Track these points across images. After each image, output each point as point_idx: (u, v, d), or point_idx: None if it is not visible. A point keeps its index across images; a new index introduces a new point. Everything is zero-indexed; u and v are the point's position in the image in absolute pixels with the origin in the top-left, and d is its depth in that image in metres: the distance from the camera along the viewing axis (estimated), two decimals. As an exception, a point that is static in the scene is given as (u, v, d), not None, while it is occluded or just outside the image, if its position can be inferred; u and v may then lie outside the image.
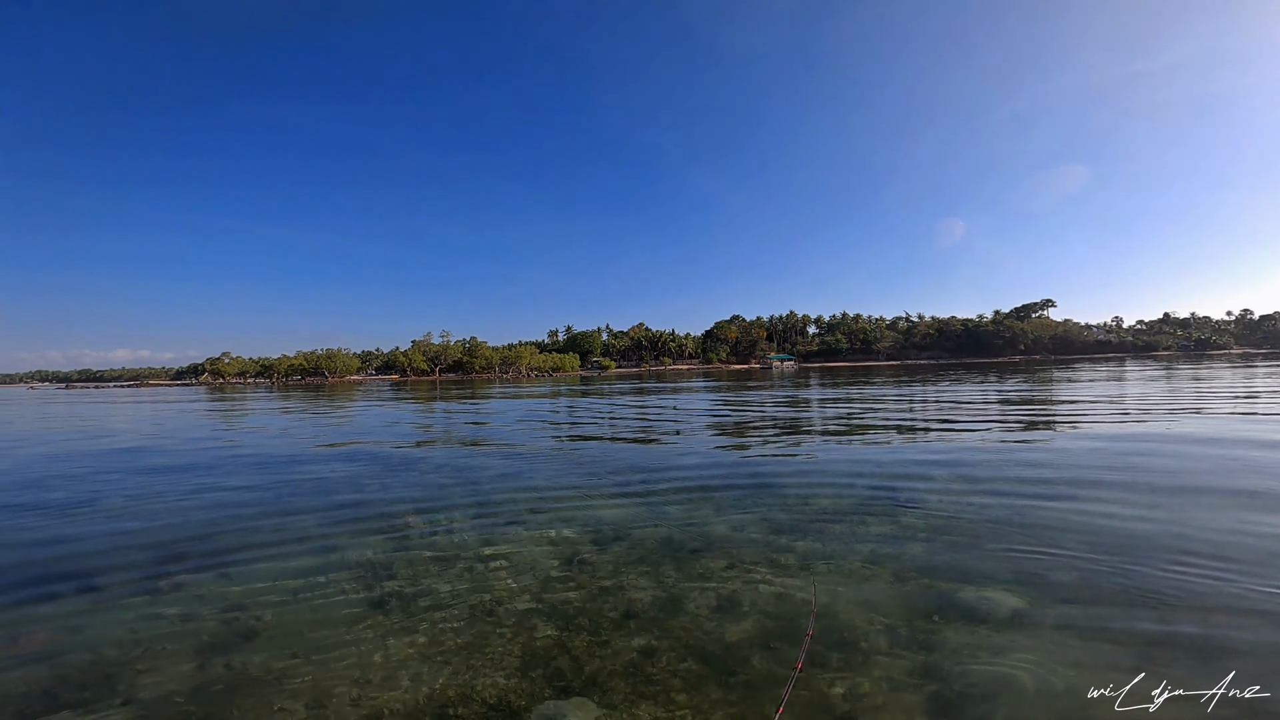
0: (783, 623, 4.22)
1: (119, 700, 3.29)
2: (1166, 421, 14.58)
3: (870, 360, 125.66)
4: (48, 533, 6.84)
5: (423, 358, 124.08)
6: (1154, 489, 7.76)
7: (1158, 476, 8.49)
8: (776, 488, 8.53)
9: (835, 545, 5.87)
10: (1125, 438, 12.58)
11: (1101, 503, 7.18)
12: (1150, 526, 6.19)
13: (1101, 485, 8.13)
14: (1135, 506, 6.97)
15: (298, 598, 4.77)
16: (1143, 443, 11.72)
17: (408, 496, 8.43)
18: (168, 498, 8.61)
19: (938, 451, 11.46)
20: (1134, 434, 13.13)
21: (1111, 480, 8.43)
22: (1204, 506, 6.86)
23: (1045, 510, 6.94)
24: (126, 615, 4.49)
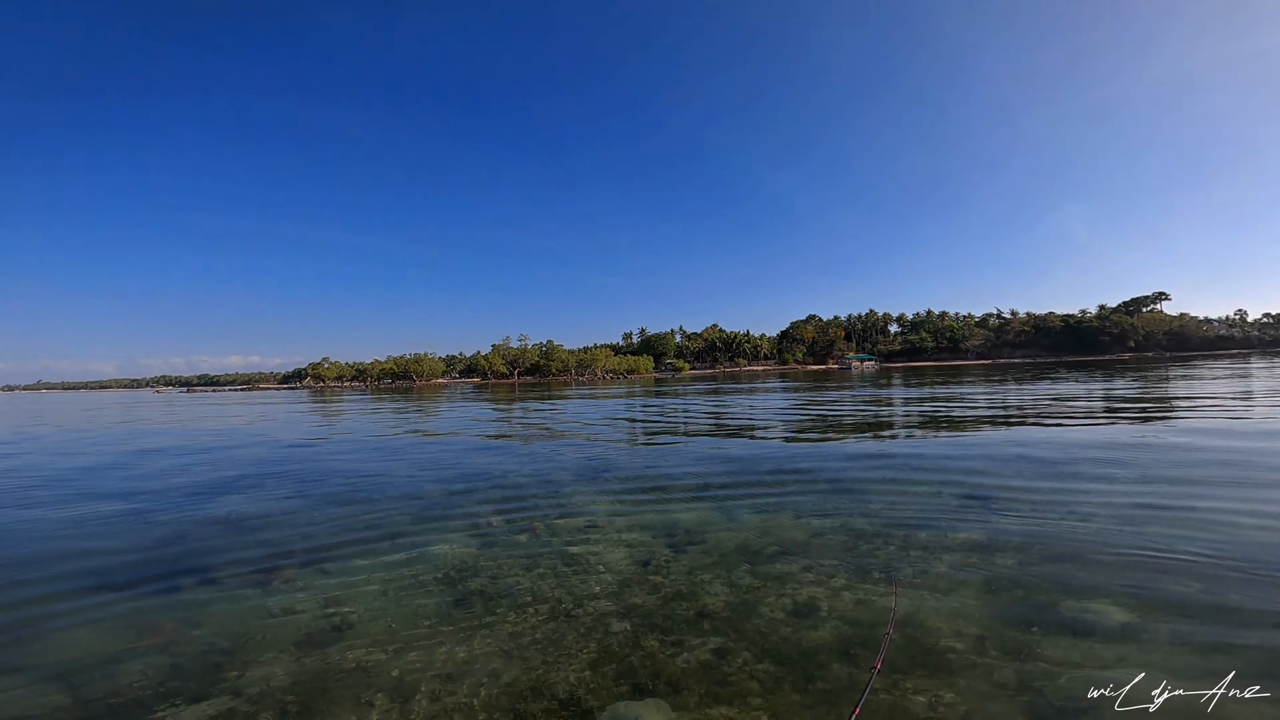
0: (863, 630, 4.12)
1: (227, 690, 3.56)
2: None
3: (958, 359, 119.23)
4: (173, 526, 7.58)
5: (502, 361, 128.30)
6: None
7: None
8: (858, 492, 8.29)
9: (920, 553, 5.66)
10: (1252, 434, 11.40)
11: (1225, 508, 6.57)
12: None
13: (1224, 488, 7.43)
14: (1262, 514, 6.34)
15: (387, 594, 5.04)
16: (1272, 441, 10.57)
17: (491, 497, 8.78)
18: (276, 495, 9.36)
19: (1036, 453, 10.78)
20: (1260, 430, 11.86)
21: (1235, 481, 7.69)
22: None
23: (1161, 516, 6.41)
24: (237, 608, 4.86)
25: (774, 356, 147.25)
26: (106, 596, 5.21)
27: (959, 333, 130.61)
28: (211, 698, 3.47)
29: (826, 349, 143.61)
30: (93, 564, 6.14)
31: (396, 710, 3.31)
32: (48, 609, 4.95)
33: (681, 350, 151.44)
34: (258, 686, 3.58)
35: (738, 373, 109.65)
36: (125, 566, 6.00)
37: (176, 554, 6.39)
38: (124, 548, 6.66)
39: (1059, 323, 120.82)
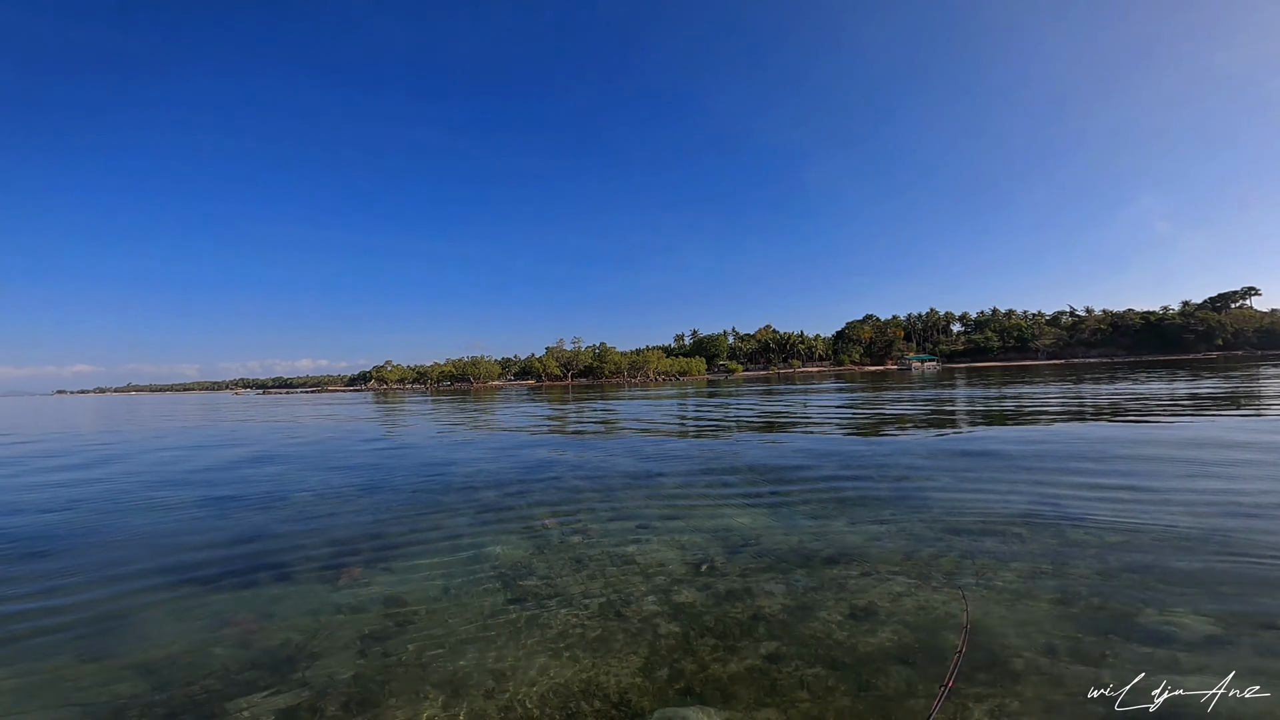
0: (923, 635, 3.96)
1: (298, 682, 3.72)
2: None
3: (1027, 359, 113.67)
4: (251, 524, 7.99)
5: (556, 363, 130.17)
6: None
7: None
8: (921, 495, 8.01)
9: (986, 560, 5.41)
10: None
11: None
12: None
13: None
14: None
15: (447, 592, 5.18)
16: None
17: (546, 499, 8.89)
18: (346, 494, 9.76)
19: (1117, 454, 10.16)
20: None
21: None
22: None
23: (1253, 526, 5.94)
24: (310, 603, 5.07)
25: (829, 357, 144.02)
26: (191, 589, 5.52)
27: (1028, 331, 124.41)
28: (283, 690, 3.62)
29: (885, 349, 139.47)
30: (180, 558, 6.53)
31: (451, 705, 3.39)
32: (138, 600, 5.28)
33: (734, 351, 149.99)
34: (325, 679, 3.73)
35: (792, 374, 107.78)
36: (209, 561, 6.35)
37: (255, 550, 6.72)
38: (208, 543, 7.06)
39: (1138, 320, 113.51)
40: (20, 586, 5.79)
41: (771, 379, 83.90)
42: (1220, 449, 10.53)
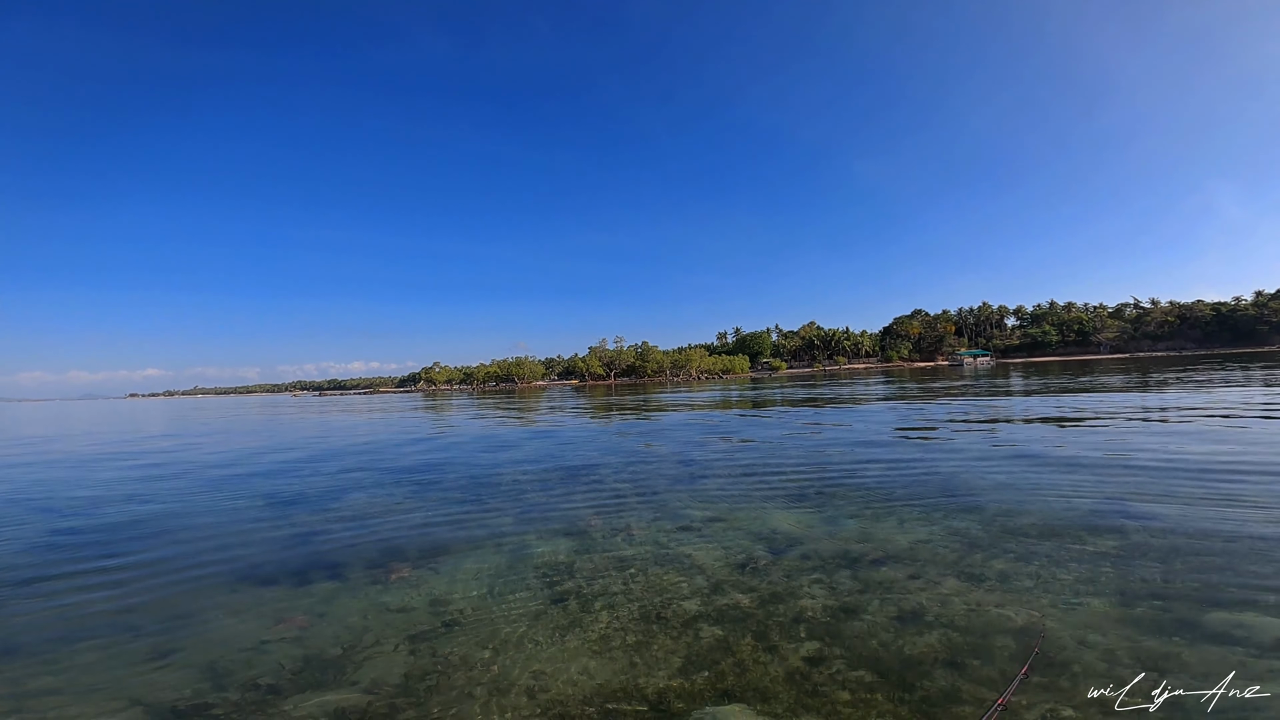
0: (974, 639, 3.84)
1: (348, 682, 3.83)
2: None
3: (1088, 354, 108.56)
4: (306, 524, 8.28)
5: (599, 363, 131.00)
6: None
7: None
8: (971, 499, 7.75)
9: (1042, 563, 5.21)
10: None
11: None
12: None
13: None
14: None
15: (492, 592, 5.27)
16: None
17: (590, 499, 8.98)
18: (396, 495, 10.07)
19: (1185, 453, 9.63)
20: None
21: None
22: None
23: None
24: (360, 603, 5.21)
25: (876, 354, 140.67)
26: (250, 588, 5.75)
27: (1089, 325, 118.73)
28: (335, 689, 3.73)
29: (935, 345, 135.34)
30: (236, 557, 6.82)
31: (495, 705, 3.44)
32: (200, 598, 5.53)
33: (778, 349, 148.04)
34: (374, 679, 3.83)
35: (838, 371, 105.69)
36: (264, 560, 6.62)
37: (308, 550, 6.97)
38: (263, 542, 7.38)
39: (1208, 312, 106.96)
40: (91, 583, 6.17)
41: (817, 376, 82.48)
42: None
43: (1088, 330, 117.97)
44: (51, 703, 3.77)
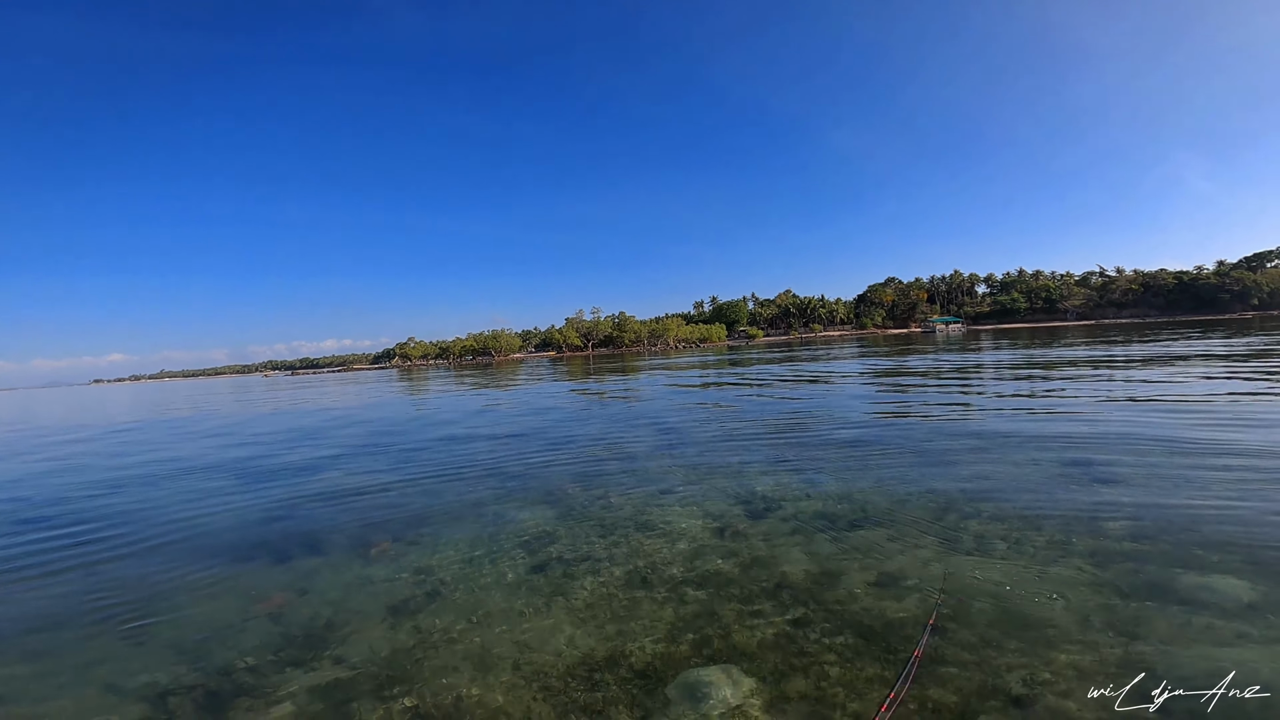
0: (953, 602, 3.90)
1: (331, 659, 3.75)
2: None
3: (1055, 321, 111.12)
4: (285, 499, 8.16)
5: (576, 334, 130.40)
6: None
7: None
8: (947, 458, 7.88)
9: (1016, 523, 5.31)
10: None
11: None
12: None
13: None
14: None
15: (473, 563, 5.22)
16: None
17: (569, 467, 8.96)
18: (373, 469, 9.96)
19: (1149, 417, 9.89)
20: None
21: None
22: None
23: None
24: (342, 579, 5.12)
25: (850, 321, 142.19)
26: (225, 566, 5.61)
27: (1056, 292, 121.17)
28: (317, 667, 3.66)
29: (908, 312, 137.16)
30: (212, 535, 6.67)
31: (480, 678, 3.40)
32: (174, 580, 5.36)
33: (754, 317, 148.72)
34: (357, 655, 3.77)
35: (813, 338, 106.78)
36: (241, 539, 6.47)
37: (286, 526, 6.84)
38: (240, 521, 7.22)
39: (1171, 280, 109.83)
40: (62, 565, 6.00)
41: (792, 343, 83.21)
42: (1254, 409, 10.21)
43: (1055, 298, 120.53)
44: (24, 689, 3.66)
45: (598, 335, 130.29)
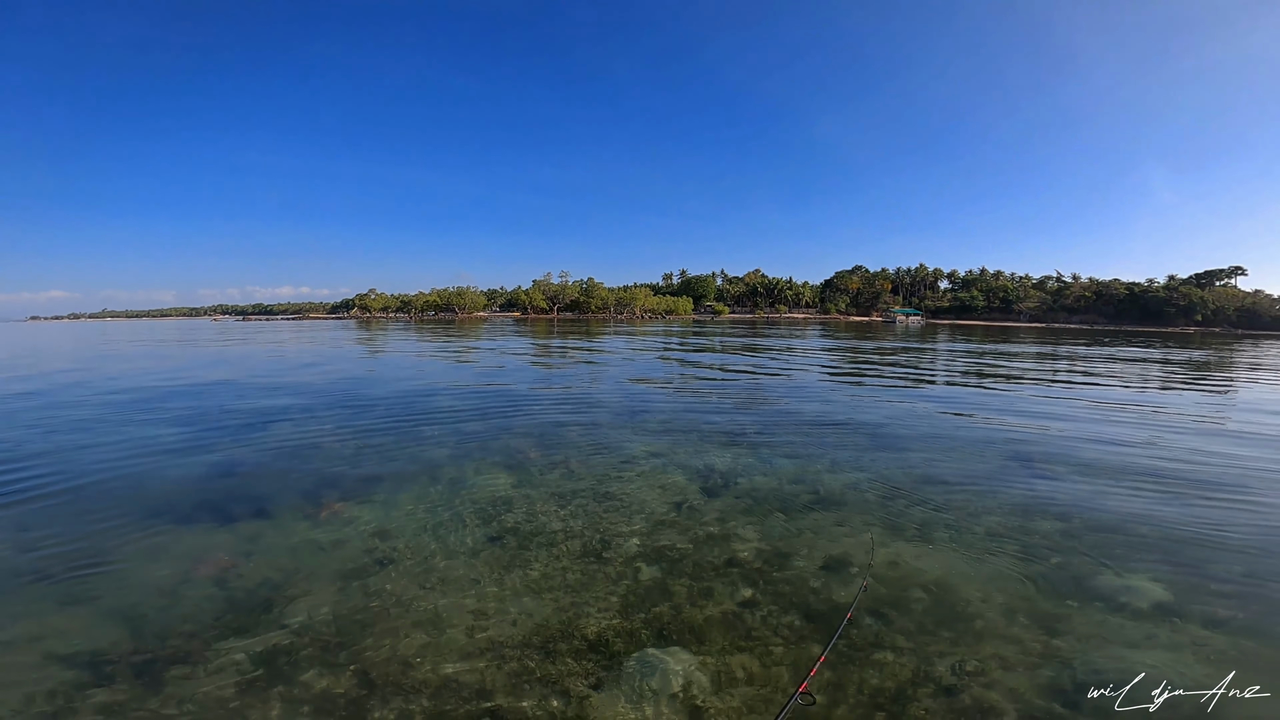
0: (895, 589, 4.08)
1: (277, 624, 3.64)
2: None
3: (1009, 321, 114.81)
4: (228, 455, 7.77)
5: (542, 296, 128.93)
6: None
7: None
8: (897, 446, 8.15)
9: (957, 514, 5.56)
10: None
11: (1273, 500, 6.25)
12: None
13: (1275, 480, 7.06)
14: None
15: (427, 528, 5.15)
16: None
17: (529, 432, 8.93)
18: (325, 426, 9.68)
19: (1086, 417, 10.38)
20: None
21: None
22: None
23: (1210, 498, 6.13)
24: (289, 541, 4.96)
25: (815, 305, 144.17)
26: (166, 528, 5.28)
27: (1013, 293, 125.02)
28: (262, 632, 3.56)
29: (871, 301, 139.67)
30: (150, 493, 6.26)
31: (432, 646, 3.40)
32: (110, 541, 5.01)
33: (722, 294, 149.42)
34: (305, 620, 3.69)
35: (777, 319, 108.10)
36: (183, 497, 6.12)
37: (230, 484, 6.54)
38: (181, 478, 6.84)
39: (1123, 290, 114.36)
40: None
41: (757, 323, 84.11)
42: (1183, 419, 10.79)
43: (1012, 298, 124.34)
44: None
45: (564, 299, 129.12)
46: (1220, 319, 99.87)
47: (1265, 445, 8.66)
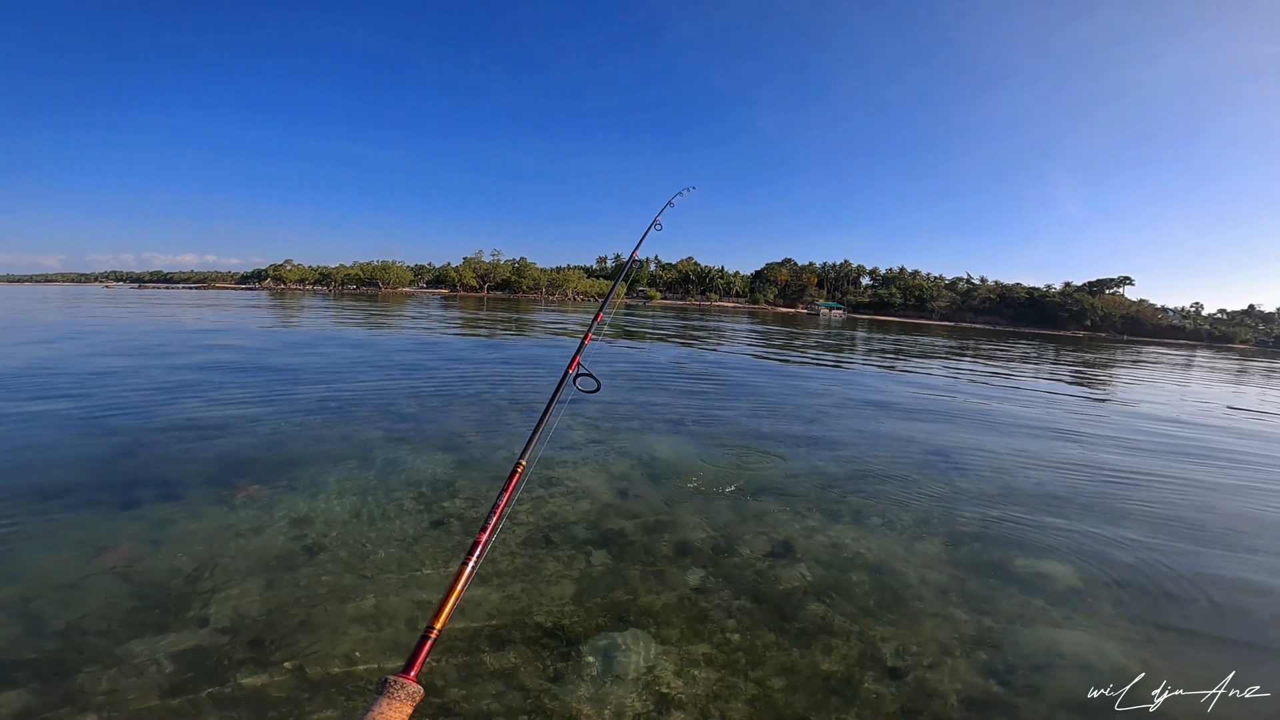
0: (836, 573, 4.23)
1: (195, 620, 3.30)
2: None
3: (922, 318, 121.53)
4: (128, 435, 7.00)
5: (473, 274, 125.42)
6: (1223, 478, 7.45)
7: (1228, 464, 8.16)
8: (833, 435, 8.48)
9: (888, 503, 5.82)
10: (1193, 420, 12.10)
11: (1169, 487, 6.94)
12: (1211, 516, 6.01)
13: (1167, 469, 7.85)
14: (1200, 494, 6.74)
15: (361, 514, 4.86)
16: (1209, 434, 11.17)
17: (468, 414, 8.66)
18: (239, 401, 8.99)
19: (995, 426, 11.13)
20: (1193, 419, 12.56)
21: (1173, 463, 8.14)
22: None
23: (1109, 489, 6.72)
24: (202, 527, 4.51)
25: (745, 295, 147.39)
26: (60, 514, 4.72)
27: (928, 292, 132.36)
28: (181, 628, 3.24)
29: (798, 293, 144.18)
30: (43, 476, 5.58)
31: (374, 639, 3.20)
32: (1, 527, 4.47)
33: (655, 279, 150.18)
34: (229, 614, 3.38)
35: (708, 307, 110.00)
36: (79, 480, 5.47)
37: (133, 466, 5.90)
38: (77, 458, 6.12)
39: (1024, 294, 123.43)
40: None
41: (688, 309, 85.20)
42: (1083, 420, 11.78)
43: (926, 297, 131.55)
44: None
45: (495, 278, 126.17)
46: (1108, 325, 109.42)
47: (1145, 453, 9.58)
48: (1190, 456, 8.85)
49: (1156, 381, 21.87)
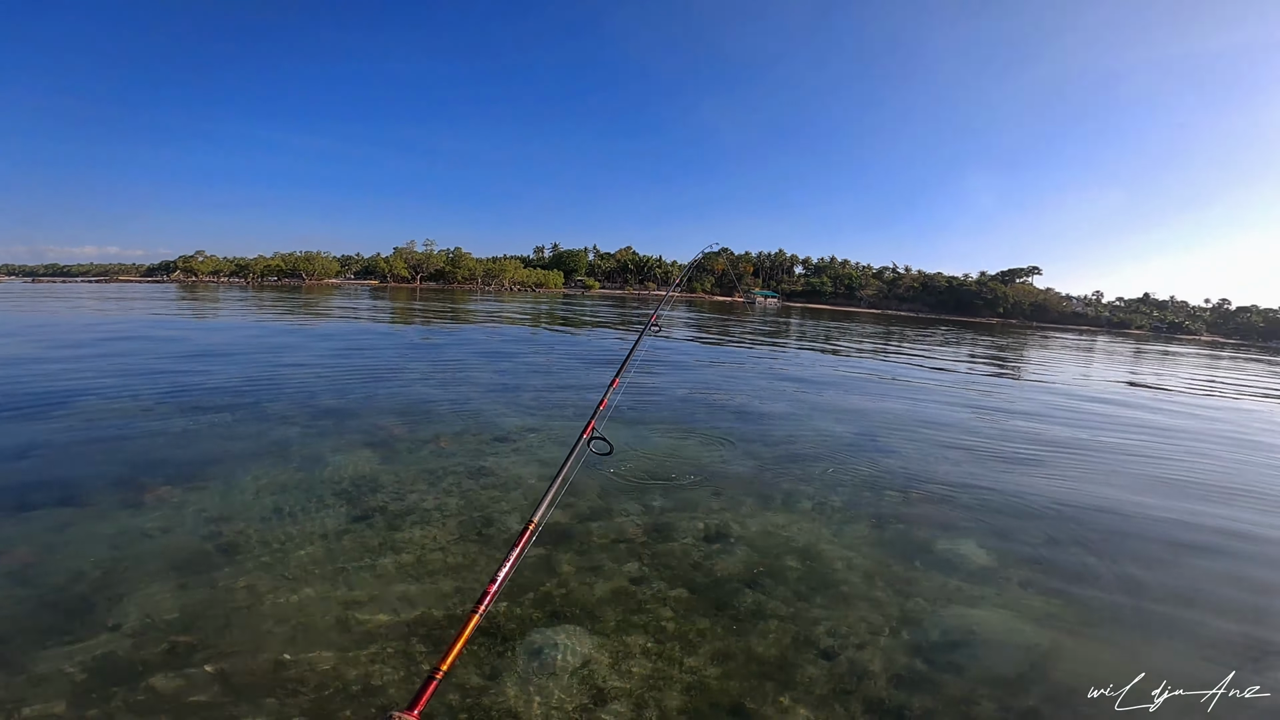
0: (770, 559, 4.31)
1: (104, 627, 3.07)
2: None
3: (851, 306, 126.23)
4: (21, 435, 6.44)
5: (404, 265, 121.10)
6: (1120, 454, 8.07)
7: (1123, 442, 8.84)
8: (762, 422, 8.66)
9: (819, 485, 5.99)
10: (1100, 399, 13.05)
11: (1067, 468, 7.44)
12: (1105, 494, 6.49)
13: (1068, 450, 8.43)
14: (1097, 473, 7.27)
15: (280, 511, 4.62)
16: (1113, 406, 12.09)
17: (392, 407, 8.34)
18: (143, 397, 8.36)
19: (920, 398, 11.66)
20: (1100, 395, 13.57)
21: (1078, 446, 8.76)
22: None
23: (1018, 471, 7.10)
24: (107, 529, 4.21)
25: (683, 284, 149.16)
26: None
27: (856, 281, 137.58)
28: (88, 634, 3.00)
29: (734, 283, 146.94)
30: None
31: (302, 640, 3.05)
32: None
33: (593, 269, 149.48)
34: (141, 618, 3.15)
35: (646, 296, 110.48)
36: None
37: (27, 467, 5.45)
38: None
39: (944, 283, 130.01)
40: None
41: (627, 299, 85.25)
42: (998, 411, 12.49)
43: (855, 286, 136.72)
44: None
45: (429, 268, 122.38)
46: (1018, 312, 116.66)
47: (1058, 421, 10.26)
48: (1096, 428, 9.57)
49: (1064, 363, 23.52)
